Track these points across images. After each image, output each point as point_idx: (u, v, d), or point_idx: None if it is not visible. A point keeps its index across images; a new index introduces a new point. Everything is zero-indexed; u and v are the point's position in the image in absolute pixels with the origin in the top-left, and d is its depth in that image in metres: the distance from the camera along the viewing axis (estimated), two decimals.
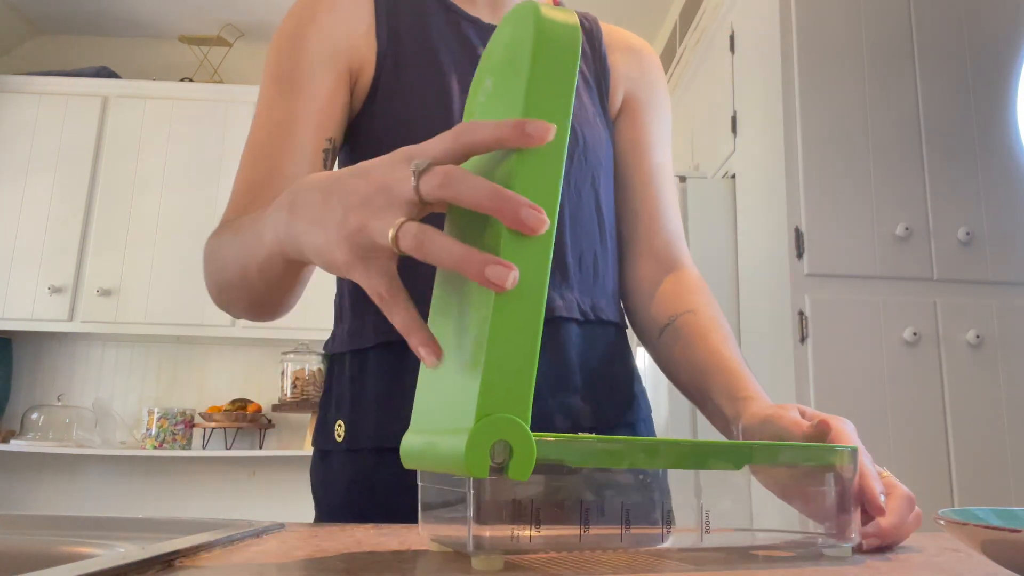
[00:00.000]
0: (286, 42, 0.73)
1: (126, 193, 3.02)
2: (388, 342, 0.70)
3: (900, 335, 1.80)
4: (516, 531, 0.37)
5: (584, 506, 0.39)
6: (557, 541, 0.39)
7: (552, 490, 0.39)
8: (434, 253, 0.37)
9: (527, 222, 0.35)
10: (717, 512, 0.42)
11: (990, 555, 0.36)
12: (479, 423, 0.35)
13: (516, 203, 0.35)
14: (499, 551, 0.37)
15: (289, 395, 2.95)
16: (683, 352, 0.74)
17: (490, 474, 0.35)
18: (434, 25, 0.76)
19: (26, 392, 3.11)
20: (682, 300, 0.77)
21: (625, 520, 0.40)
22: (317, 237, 0.42)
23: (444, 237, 0.37)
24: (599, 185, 0.79)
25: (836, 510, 0.45)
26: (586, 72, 0.83)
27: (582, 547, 0.39)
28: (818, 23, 1.98)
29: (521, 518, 0.37)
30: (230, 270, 0.61)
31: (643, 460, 0.41)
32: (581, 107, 0.80)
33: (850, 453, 0.46)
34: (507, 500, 0.37)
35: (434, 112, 0.71)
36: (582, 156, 0.77)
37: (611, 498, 0.40)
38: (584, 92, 0.81)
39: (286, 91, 0.71)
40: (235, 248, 0.60)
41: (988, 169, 1.92)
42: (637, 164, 0.84)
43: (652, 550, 0.43)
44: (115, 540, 0.45)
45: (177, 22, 3.36)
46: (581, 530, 0.39)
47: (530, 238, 0.36)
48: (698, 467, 0.42)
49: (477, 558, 0.37)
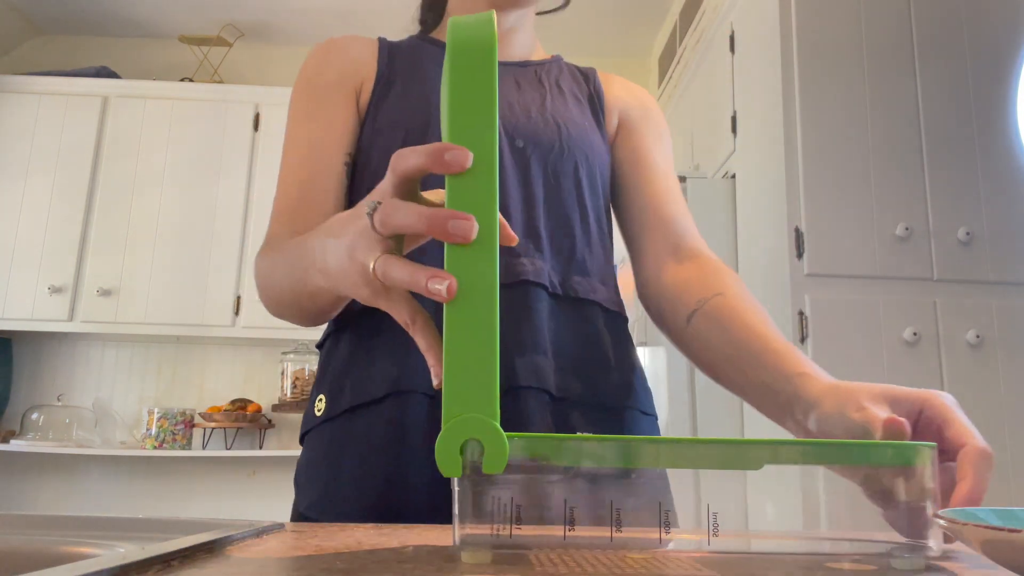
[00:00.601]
0: (306, 84, 0.84)
1: (126, 193, 3.02)
2: (356, 315, 0.75)
3: (900, 335, 1.80)
4: (500, 529, 0.39)
5: (568, 504, 0.39)
6: (541, 538, 0.40)
7: (538, 487, 0.40)
8: (392, 276, 0.42)
9: (455, 232, 0.38)
10: (725, 513, 0.41)
11: (990, 555, 0.36)
12: (446, 426, 0.37)
13: (442, 218, 0.38)
14: (486, 546, 0.38)
15: (289, 395, 2.95)
16: (719, 336, 0.70)
17: (467, 471, 0.37)
18: (426, 53, 0.86)
19: (26, 392, 3.11)
20: (708, 284, 0.75)
21: (616, 521, 0.39)
22: (345, 280, 0.48)
23: (399, 263, 0.42)
24: (582, 175, 0.81)
25: (906, 516, 0.40)
26: (577, 92, 0.89)
27: (566, 544, 0.39)
28: (818, 23, 1.98)
29: (505, 515, 0.39)
30: (284, 294, 0.68)
31: (632, 460, 0.40)
32: (564, 106, 0.85)
33: (911, 452, 0.40)
34: (491, 497, 0.39)
35: (414, 116, 0.78)
36: (564, 145, 0.81)
37: (601, 497, 0.40)
38: (572, 101, 0.87)
39: (309, 120, 0.81)
40: (285, 275, 0.66)
41: (988, 169, 1.92)
42: (638, 170, 0.87)
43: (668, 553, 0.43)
44: (115, 540, 0.45)
45: (177, 22, 3.36)
46: (565, 530, 0.39)
47: (469, 246, 0.38)
48: (699, 467, 0.41)
49: (466, 552, 0.38)
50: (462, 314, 0.38)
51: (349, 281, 0.47)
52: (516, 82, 0.85)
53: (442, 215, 0.39)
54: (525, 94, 0.84)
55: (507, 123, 0.80)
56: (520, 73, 0.87)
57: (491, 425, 0.37)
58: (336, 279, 0.50)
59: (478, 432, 0.37)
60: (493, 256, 0.38)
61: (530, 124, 0.81)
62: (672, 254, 0.81)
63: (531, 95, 0.84)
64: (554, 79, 0.88)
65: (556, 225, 0.78)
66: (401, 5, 3.62)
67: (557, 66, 0.91)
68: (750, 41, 2.27)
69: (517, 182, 0.78)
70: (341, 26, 3.39)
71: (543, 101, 0.84)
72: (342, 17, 3.32)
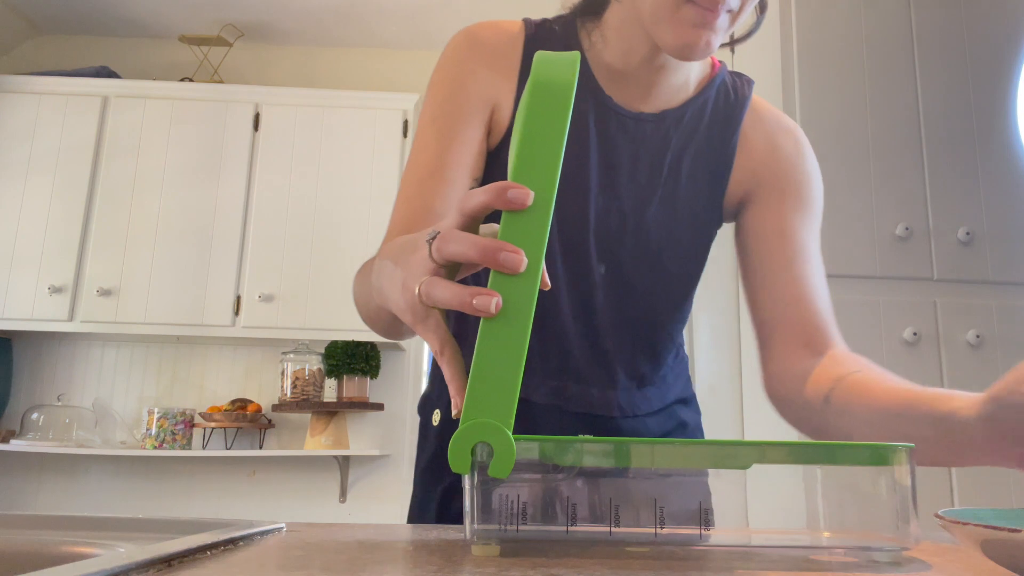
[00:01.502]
0: (445, 87, 0.79)
1: (126, 193, 3.02)
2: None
3: (900, 335, 1.80)
4: (508, 525, 0.42)
5: (571, 502, 0.42)
6: (545, 532, 0.43)
7: (544, 486, 0.43)
8: (435, 296, 0.44)
9: (505, 264, 0.41)
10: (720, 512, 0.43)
11: (990, 555, 0.36)
12: (462, 427, 0.40)
13: (494, 249, 0.41)
14: (495, 540, 0.42)
15: (289, 395, 2.95)
16: (861, 400, 0.64)
17: (474, 471, 0.40)
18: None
19: (26, 392, 3.11)
20: (844, 367, 0.70)
21: (615, 519, 0.42)
22: (397, 304, 0.50)
23: (443, 284, 0.44)
24: (666, 261, 0.80)
25: (885, 514, 0.42)
26: (708, 158, 0.81)
27: (568, 540, 0.43)
28: (818, 23, 1.98)
29: (513, 512, 0.42)
30: (369, 308, 0.70)
31: (627, 460, 0.42)
32: (674, 212, 0.80)
33: (888, 452, 0.42)
34: (501, 495, 0.42)
35: None
36: (652, 266, 0.79)
37: (605, 496, 0.43)
38: (685, 184, 0.80)
39: (441, 135, 0.77)
40: (363, 291, 0.68)
41: (988, 169, 1.92)
42: (770, 250, 0.80)
43: (669, 549, 0.43)
44: (115, 540, 0.45)
45: (177, 22, 3.36)
46: (568, 526, 0.42)
47: (513, 276, 0.42)
48: (700, 466, 0.42)
49: (475, 545, 0.42)
50: (498, 331, 0.41)
51: (399, 305, 0.50)
52: (635, 156, 0.79)
53: (495, 246, 0.41)
54: (635, 187, 0.79)
55: (599, 236, 0.78)
56: (648, 138, 0.80)
57: (503, 432, 0.40)
58: (390, 301, 0.53)
59: (490, 437, 0.40)
60: (535, 286, 0.41)
61: (622, 242, 0.79)
62: (806, 347, 0.76)
63: (643, 189, 0.79)
64: (683, 144, 0.81)
65: (631, 353, 0.80)
66: (400, 6, 3.62)
67: (700, 110, 0.82)
68: (750, 41, 2.27)
69: (604, 303, 0.79)
70: (341, 26, 3.39)
71: (650, 200, 0.79)
72: (342, 17, 3.32)
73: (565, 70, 0.45)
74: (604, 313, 0.79)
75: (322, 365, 3.01)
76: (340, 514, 3.06)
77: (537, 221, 0.42)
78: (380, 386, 3.15)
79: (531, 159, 0.43)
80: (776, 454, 0.43)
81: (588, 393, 0.78)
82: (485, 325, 0.41)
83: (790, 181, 0.82)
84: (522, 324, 0.41)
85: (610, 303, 0.79)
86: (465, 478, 0.42)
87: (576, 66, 0.45)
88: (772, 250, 0.80)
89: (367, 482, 3.12)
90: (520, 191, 0.42)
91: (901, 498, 0.42)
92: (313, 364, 2.99)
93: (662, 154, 0.80)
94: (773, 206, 0.81)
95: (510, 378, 0.40)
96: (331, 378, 3.02)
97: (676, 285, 0.83)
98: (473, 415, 0.40)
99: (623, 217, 0.78)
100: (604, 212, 0.78)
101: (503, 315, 0.41)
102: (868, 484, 0.43)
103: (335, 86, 3.37)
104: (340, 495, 3.09)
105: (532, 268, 0.42)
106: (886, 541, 0.42)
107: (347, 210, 3.03)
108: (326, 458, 3.07)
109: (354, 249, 2.93)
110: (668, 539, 0.42)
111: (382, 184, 3.03)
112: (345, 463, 3.08)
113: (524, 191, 0.42)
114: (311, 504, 3.06)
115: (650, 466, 0.42)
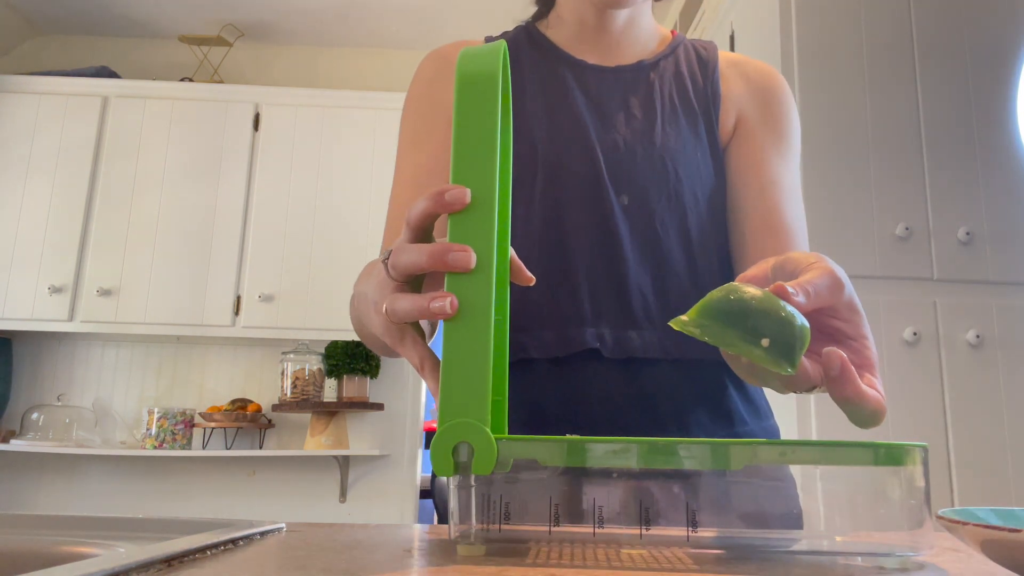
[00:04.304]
0: (416, 103, 0.83)
1: (126, 193, 3.02)
2: (521, 360, 0.76)
3: (900, 335, 1.80)
4: (490, 525, 0.42)
5: (553, 502, 0.42)
6: (529, 533, 0.43)
7: (525, 486, 0.43)
8: (397, 310, 0.45)
9: (455, 264, 0.41)
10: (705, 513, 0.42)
11: (990, 555, 0.36)
12: (439, 430, 0.40)
13: (442, 252, 0.42)
14: (480, 540, 0.42)
15: (289, 395, 2.95)
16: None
17: (457, 471, 0.40)
18: (526, 62, 0.84)
19: (26, 392, 3.11)
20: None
21: (599, 519, 0.42)
22: (378, 329, 0.51)
23: (401, 296, 0.45)
24: (690, 224, 0.79)
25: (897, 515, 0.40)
26: (693, 99, 0.83)
27: (551, 539, 0.43)
28: (818, 23, 1.98)
29: (495, 512, 0.42)
30: (364, 333, 0.71)
31: (610, 459, 0.42)
32: (676, 133, 0.80)
33: (901, 452, 0.41)
34: (483, 495, 0.42)
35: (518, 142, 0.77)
36: (673, 194, 0.78)
37: (588, 494, 0.43)
38: (685, 120, 0.82)
39: (418, 147, 0.81)
40: (360, 319, 0.68)
41: (988, 169, 1.92)
42: (746, 185, 0.81)
43: (651, 549, 0.43)
44: (115, 540, 0.45)
45: (177, 22, 3.36)
46: (550, 526, 0.42)
47: (466, 274, 0.42)
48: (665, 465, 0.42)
49: (461, 546, 0.42)
50: (460, 331, 0.41)
51: (379, 329, 0.50)
52: (626, 101, 0.82)
53: (442, 249, 0.41)
54: (635, 122, 0.81)
55: (612, 167, 0.78)
56: (632, 84, 0.83)
57: (481, 429, 0.40)
58: (372, 327, 0.53)
59: (468, 436, 0.40)
60: (489, 281, 0.41)
61: (636, 171, 0.78)
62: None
63: (641, 122, 0.81)
64: (668, 87, 0.84)
65: (667, 285, 0.77)
66: (400, 6, 3.62)
67: (675, 60, 0.86)
68: (750, 41, 2.27)
69: (631, 244, 0.77)
70: (341, 26, 3.39)
71: (653, 130, 0.80)
72: (342, 17, 3.32)
73: (487, 61, 0.44)
74: (630, 247, 0.76)
75: (322, 365, 3.01)
76: (340, 514, 3.06)
77: (482, 216, 0.42)
78: (380, 386, 3.15)
79: (466, 156, 0.43)
80: (768, 454, 0.41)
81: (626, 337, 0.74)
82: (447, 327, 0.41)
83: (767, 115, 0.85)
84: (482, 320, 0.41)
85: (636, 235, 0.77)
86: (450, 480, 0.41)
87: (499, 54, 0.45)
88: (747, 182, 0.81)
89: (367, 482, 3.12)
90: (456, 191, 0.42)
91: (914, 501, 0.40)
92: (313, 364, 2.99)
93: (650, 94, 0.83)
94: (750, 139, 0.83)
95: (479, 375, 0.40)
96: (331, 378, 3.02)
97: (706, 214, 0.80)
98: (449, 417, 0.40)
99: (631, 148, 0.79)
100: (611, 146, 0.78)
101: (462, 314, 0.41)
102: (882, 485, 0.41)
103: (335, 86, 3.37)
104: (340, 495, 3.09)
105: (484, 263, 0.42)
106: (899, 545, 0.40)
107: (347, 210, 3.03)
108: (326, 458, 3.07)
109: (354, 249, 2.93)
110: (654, 539, 0.42)
111: (382, 184, 3.03)
112: (345, 463, 3.08)
113: (460, 190, 0.42)
114: (311, 504, 3.06)
115: (643, 466, 0.41)
